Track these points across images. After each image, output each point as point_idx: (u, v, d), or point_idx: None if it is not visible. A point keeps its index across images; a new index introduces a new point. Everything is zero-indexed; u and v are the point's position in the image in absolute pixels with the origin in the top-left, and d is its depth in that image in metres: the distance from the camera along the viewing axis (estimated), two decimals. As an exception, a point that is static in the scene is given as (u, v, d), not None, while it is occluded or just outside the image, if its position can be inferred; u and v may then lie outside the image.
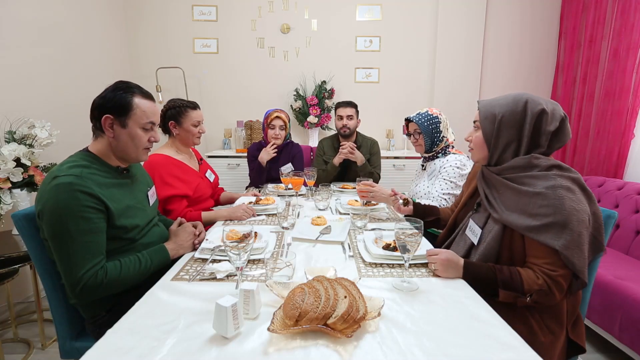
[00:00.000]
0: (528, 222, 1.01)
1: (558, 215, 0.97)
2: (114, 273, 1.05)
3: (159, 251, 1.19)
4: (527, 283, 0.99)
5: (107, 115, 1.11)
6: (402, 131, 3.45)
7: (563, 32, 3.32)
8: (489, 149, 1.14)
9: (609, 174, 2.70)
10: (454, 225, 1.39)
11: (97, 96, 1.14)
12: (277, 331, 0.75)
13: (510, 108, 1.08)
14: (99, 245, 1.04)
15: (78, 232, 0.99)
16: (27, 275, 2.32)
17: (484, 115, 1.13)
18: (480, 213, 1.20)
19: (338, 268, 1.11)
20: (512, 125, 1.08)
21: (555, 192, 0.98)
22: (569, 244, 0.96)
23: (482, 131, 1.13)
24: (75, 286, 0.99)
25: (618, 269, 1.87)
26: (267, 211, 1.77)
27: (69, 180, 1.00)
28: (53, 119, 2.18)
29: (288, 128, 2.45)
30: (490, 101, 1.15)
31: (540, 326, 1.05)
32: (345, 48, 3.55)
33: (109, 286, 1.04)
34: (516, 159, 1.10)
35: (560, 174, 1.02)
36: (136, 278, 1.10)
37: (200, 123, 1.85)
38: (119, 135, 1.13)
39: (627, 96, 2.58)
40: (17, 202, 1.94)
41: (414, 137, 1.89)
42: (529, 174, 1.06)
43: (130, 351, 0.73)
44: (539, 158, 1.07)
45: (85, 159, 1.11)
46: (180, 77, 3.45)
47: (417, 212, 1.58)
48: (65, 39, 2.62)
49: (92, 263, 1.01)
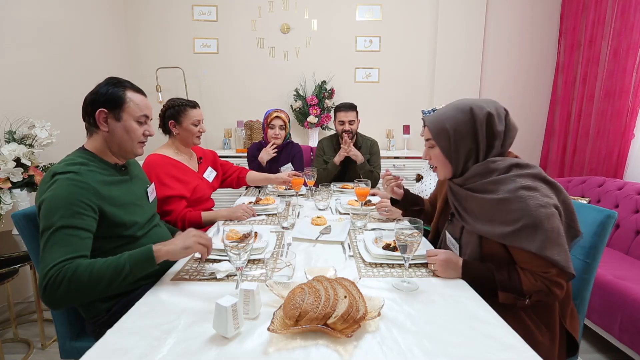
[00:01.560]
0: (500, 229, 1.00)
1: (526, 218, 0.95)
2: (83, 268, 0.92)
3: (142, 250, 1.01)
4: (526, 284, 0.98)
5: (101, 109, 1.10)
6: (403, 131, 3.46)
7: (563, 32, 3.32)
8: (452, 163, 1.13)
9: (609, 174, 2.70)
10: (436, 233, 1.38)
11: (89, 93, 1.13)
12: (277, 331, 0.75)
13: (458, 119, 1.07)
14: (80, 242, 0.96)
15: (63, 225, 0.95)
16: (27, 275, 2.32)
17: (435, 132, 1.12)
18: (454, 223, 1.20)
19: (338, 268, 1.11)
20: (465, 135, 1.07)
21: (517, 194, 0.98)
22: (544, 244, 0.94)
23: (440, 148, 1.12)
24: (42, 282, 0.90)
25: (618, 269, 1.87)
26: (267, 211, 1.78)
27: (68, 176, 1.00)
28: (53, 119, 2.18)
29: (288, 128, 2.45)
30: (436, 116, 1.13)
31: (537, 325, 1.05)
32: (345, 48, 3.55)
33: (74, 283, 0.90)
34: (474, 167, 1.09)
35: (520, 174, 1.02)
36: (114, 279, 0.95)
37: (200, 122, 1.84)
38: (114, 129, 1.13)
39: (627, 96, 2.58)
40: (17, 202, 1.94)
41: None
42: (490, 179, 1.05)
43: (130, 351, 0.73)
44: (495, 161, 1.06)
45: (83, 157, 1.11)
46: (180, 77, 3.45)
47: (407, 199, 1.55)
48: (65, 39, 2.62)
49: (64, 257, 0.92)
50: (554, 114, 3.41)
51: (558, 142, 3.30)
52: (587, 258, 1.17)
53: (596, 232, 1.16)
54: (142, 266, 0.99)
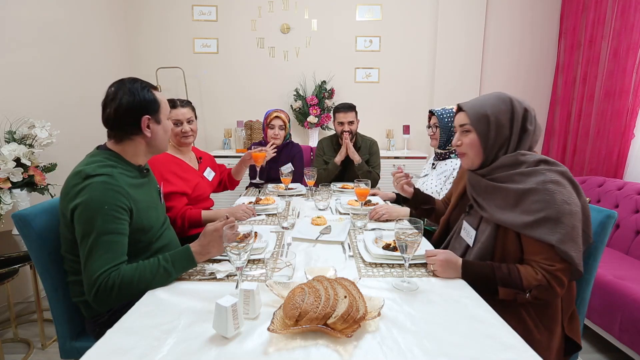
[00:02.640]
0: (521, 218, 1.01)
1: (550, 210, 0.97)
2: (129, 275, 0.98)
3: (183, 254, 1.06)
4: (526, 279, 0.99)
5: (146, 116, 1.11)
6: (403, 131, 3.46)
7: (563, 32, 3.32)
8: (484, 151, 1.13)
9: (609, 174, 2.70)
10: (447, 227, 1.38)
11: (122, 101, 1.08)
12: (277, 331, 0.75)
13: (500, 108, 1.09)
14: (121, 247, 1.02)
15: (104, 231, 0.98)
16: (27, 275, 2.32)
17: (475, 118, 1.12)
18: (473, 215, 1.20)
19: (338, 268, 1.11)
20: (504, 125, 1.09)
21: (545, 187, 0.99)
22: (564, 238, 0.96)
23: (477, 133, 1.12)
24: (91, 289, 0.97)
25: (618, 269, 1.87)
26: (267, 211, 1.77)
27: (102, 179, 1.00)
28: (53, 119, 2.18)
29: (288, 128, 2.45)
30: (476, 102, 1.14)
31: (536, 324, 1.05)
32: (345, 48, 3.55)
33: (124, 289, 0.97)
34: (503, 157, 1.10)
35: (549, 169, 1.03)
36: (156, 282, 1.01)
37: (184, 122, 1.75)
38: (157, 132, 1.14)
39: (627, 96, 2.58)
40: (17, 202, 1.94)
41: (432, 129, 1.87)
42: (517, 171, 1.06)
43: (130, 351, 0.73)
44: (525, 154, 1.08)
45: (111, 159, 1.09)
46: (180, 77, 3.45)
47: (417, 198, 1.57)
48: (65, 39, 2.62)
49: (110, 264, 0.98)
50: (554, 113, 3.41)
51: (558, 142, 3.30)
52: (587, 258, 1.17)
53: (596, 232, 1.16)
54: (184, 267, 1.06)
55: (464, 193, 1.32)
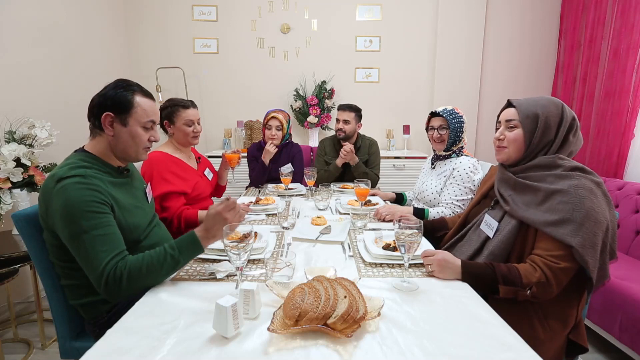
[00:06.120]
0: (545, 216, 1.02)
1: (576, 212, 0.97)
2: (136, 264, 0.98)
3: (189, 240, 1.05)
4: (525, 276, 1.00)
5: (108, 113, 1.09)
6: (403, 131, 3.45)
7: (563, 32, 3.32)
8: (527, 148, 1.14)
9: (609, 174, 2.70)
10: (464, 222, 1.38)
11: (97, 94, 1.11)
12: (277, 331, 0.75)
13: (551, 109, 1.10)
14: (115, 237, 1.01)
15: (91, 227, 0.97)
16: (27, 275, 2.32)
17: (525, 114, 1.13)
18: (497, 210, 1.21)
19: (338, 268, 1.11)
20: (552, 127, 1.10)
21: (577, 190, 1.00)
22: (585, 243, 0.96)
23: (524, 130, 1.13)
24: (99, 282, 0.96)
25: (618, 269, 1.87)
26: (267, 211, 1.77)
27: (75, 180, 0.99)
28: (53, 119, 2.18)
29: (286, 128, 2.44)
30: (527, 101, 1.16)
31: (543, 324, 1.06)
32: (345, 48, 3.55)
33: (134, 278, 0.97)
34: (541, 157, 1.11)
35: (584, 176, 1.03)
36: (165, 270, 1.00)
37: (195, 122, 1.80)
38: (119, 134, 1.11)
39: (627, 96, 2.58)
40: (17, 202, 1.94)
41: (438, 131, 1.80)
42: (552, 172, 1.07)
43: (130, 351, 0.73)
44: (563, 158, 1.09)
45: (86, 160, 1.09)
46: (180, 77, 3.45)
47: (431, 227, 1.58)
48: (65, 39, 2.62)
49: (110, 255, 0.97)
50: (554, 114, 3.40)
51: (558, 142, 3.30)
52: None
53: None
54: (191, 253, 1.05)
55: (489, 191, 1.33)
